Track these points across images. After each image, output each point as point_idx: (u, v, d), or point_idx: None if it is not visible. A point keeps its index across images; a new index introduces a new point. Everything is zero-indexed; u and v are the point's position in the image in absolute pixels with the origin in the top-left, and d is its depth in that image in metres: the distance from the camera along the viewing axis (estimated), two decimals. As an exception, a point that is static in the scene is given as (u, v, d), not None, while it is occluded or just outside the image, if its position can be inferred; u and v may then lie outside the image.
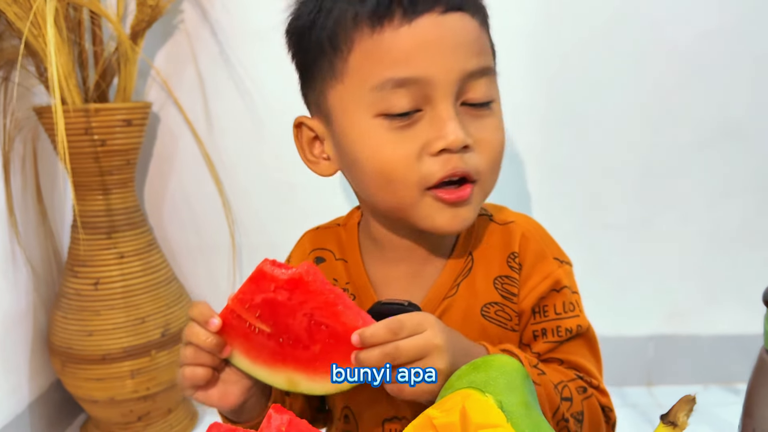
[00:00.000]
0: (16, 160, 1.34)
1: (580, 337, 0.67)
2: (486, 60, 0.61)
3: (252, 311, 0.58)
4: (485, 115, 0.61)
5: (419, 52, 0.58)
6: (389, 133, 0.59)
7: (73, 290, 1.31)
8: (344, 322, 0.56)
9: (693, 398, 0.44)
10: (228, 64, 1.45)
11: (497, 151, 0.62)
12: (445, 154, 0.58)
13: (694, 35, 1.38)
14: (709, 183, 1.46)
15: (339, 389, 0.56)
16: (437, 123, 0.58)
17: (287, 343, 0.57)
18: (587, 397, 0.64)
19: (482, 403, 0.50)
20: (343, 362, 0.55)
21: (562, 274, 0.67)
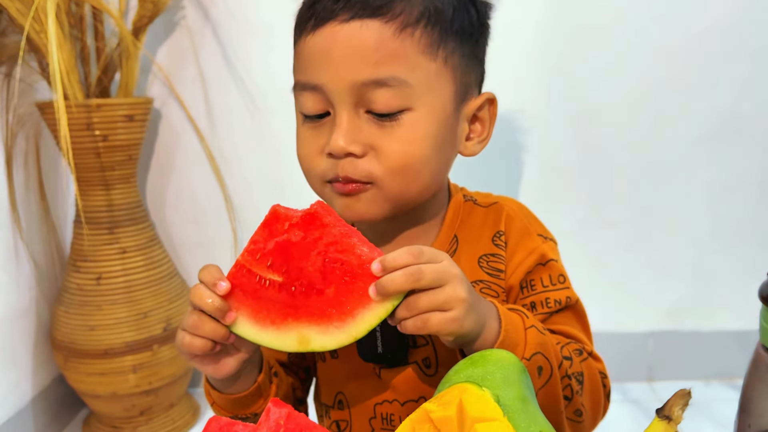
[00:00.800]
0: (19, 156, 1.34)
1: (569, 309, 0.69)
2: (386, 70, 0.60)
3: (263, 261, 0.56)
4: (391, 125, 0.61)
5: (312, 61, 0.62)
6: (306, 131, 0.66)
7: (76, 285, 1.32)
8: (359, 255, 0.55)
9: (688, 392, 0.44)
10: (229, 60, 1.45)
11: (395, 161, 0.61)
12: (334, 158, 0.62)
13: (695, 31, 1.38)
14: (709, 179, 1.46)
15: (351, 340, 0.54)
16: (333, 128, 0.62)
17: (299, 292, 0.55)
18: (584, 359, 0.65)
19: (479, 397, 0.50)
20: (359, 300, 0.54)
21: (546, 249, 0.69)
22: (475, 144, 0.69)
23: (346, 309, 0.54)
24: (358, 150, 0.61)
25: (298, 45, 0.65)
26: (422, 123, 0.62)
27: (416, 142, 0.61)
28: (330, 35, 0.60)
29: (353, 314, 0.54)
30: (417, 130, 0.61)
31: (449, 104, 0.64)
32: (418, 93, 0.61)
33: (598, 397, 0.66)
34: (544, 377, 0.58)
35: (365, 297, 0.54)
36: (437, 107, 0.63)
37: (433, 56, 0.62)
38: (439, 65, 0.62)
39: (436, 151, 0.63)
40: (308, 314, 0.55)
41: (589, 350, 0.66)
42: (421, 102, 0.61)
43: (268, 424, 0.52)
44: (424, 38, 0.61)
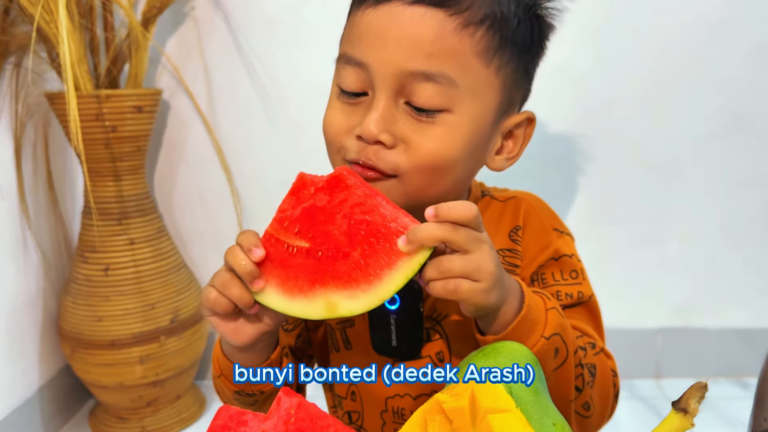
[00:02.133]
0: (28, 146, 1.34)
1: (582, 305, 0.68)
2: (438, 65, 0.58)
3: (291, 228, 0.57)
4: (428, 122, 0.59)
5: (366, 37, 0.60)
6: (338, 103, 0.63)
7: (83, 276, 1.32)
8: (384, 215, 0.55)
9: (705, 385, 0.44)
10: (238, 52, 1.45)
11: (424, 159, 0.59)
12: (362, 142, 0.60)
13: (705, 26, 1.37)
14: (719, 176, 1.45)
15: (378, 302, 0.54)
16: (367, 111, 0.60)
17: (326, 257, 0.55)
18: (597, 352, 0.64)
19: (491, 388, 0.50)
20: (385, 261, 0.53)
21: (561, 244, 0.68)
22: (503, 160, 0.67)
23: (372, 271, 0.54)
24: (388, 140, 0.59)
25: (354, 15, 0.62)
26: (459, 127, 0.60)
27: (449, 145, 0.60)
28: (390, 15, 0.58)
29: (379, 276, 0.53)
30: (452, 133, 0.59)
31: (490, 115, 0.62)
32: (462, 96, 0.59)
33: (607, 395, 0.65)
34: (560, 359, 0.58)
35: (391, 257, 0.53)
36: (477, 115, 0.61)
37: (487, 62, 0.60)
38: (490, 73, 0.60)
39: (466, 158, 0.62)
40: (335, 279, 0.55)
41: (601, 346, 0.66)
42: (463, 106, 0.59)
43: (279, 413, 0.52)
44: (483, 41, 0.59)
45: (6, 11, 1.23)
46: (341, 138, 0.62)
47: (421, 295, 0.62)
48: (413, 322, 0.63)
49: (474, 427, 0.48)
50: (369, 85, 0.60)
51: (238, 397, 0.66)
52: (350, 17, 0.64)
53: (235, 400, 0.66)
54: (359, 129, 0.59)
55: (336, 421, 0.53)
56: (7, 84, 1.28)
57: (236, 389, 0.65)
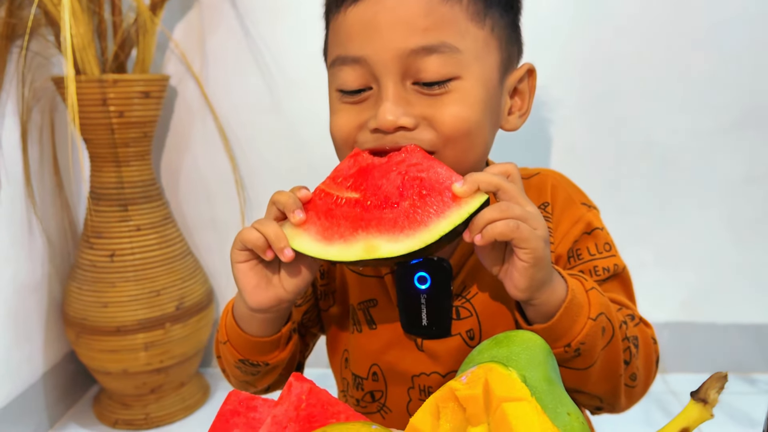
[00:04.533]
0: (34, 130, 1.34)
1: (616, 277, 0.67)
2: (436, 36, 0.58)
3: (343, 183, 0.57)
4: (441, 93, 0.59)
5: (356, 32, 0.59)
6: (342, 106, 0.62)
7: (89, 262, 1.31)
8: (438, 173, 0.55)
9: (725, 376, 0.43)
10: (246, 38, 1.44)
11: (453, 126, 0.58)
12: (379, 133, 0.59)
13: (719, 20, 1.35)
14: (727, 170, 1.44)
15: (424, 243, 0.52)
16: (378, 102, 0.59)
17: (374, 205, 0.55)
18: (637, 323, 0.64)
19: (505, 376, 0.49)
20: (433, 210, 0.53)
21: (591, 217, 0.68)
22: (516, 118, 0.67)
23: (419, 218, 0.53)
24: (410, 122, 0.58)
25: (334, 20, 0.62)
26: (472, 91, 0.59)
27: (469, 108, 0.59)
28: (374, 3, 0.58)
29: (426, 222, 0.53)
30: (467, 97, 0.59)
31: (495, 74, 0.62)
32: (468, 61, 0.59)
33: (650, 363, 0.65)
34: (607, 337, 0.57)
35: (439, 208, 0.53)
36: (486, 76, 0.60)
37: (481, 24, 0.60)
38: (486, 33, 0.60)
39: (485, 119, 0.61)
40: (379, 224, 0.54)
41: (639, 316, 0.65)
42: (470, 70, 0.59)
43: (290, 399, 0.52)
44: (471, 5, 0.59)
45: (13, -6, 1.23)
46: (352, 135, 0.61)
47: (451, 273, 0.62)
48: (444, 301, 0.63)
49: (488, 415, 0.48)
50: (371, 79, 0.60)
51: (240, 366, 0.65)
52: (330, 23, 0.64)
53: (236, 368, 0.66)
54: (374, 122, 0.58)
55: (347, 407, 0.53)
56: (14, 67, 1.27)
57: (241, 357, 0.64)
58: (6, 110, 1.25)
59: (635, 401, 0.66)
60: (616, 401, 0.63)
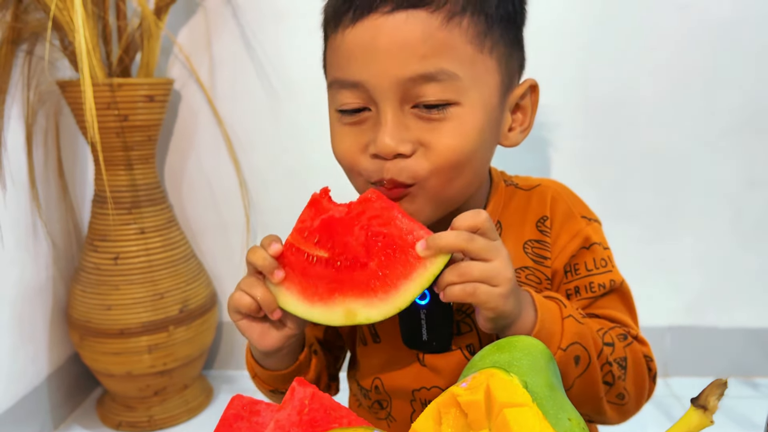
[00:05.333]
0: (39, 134, 1.34)
1: (614, 292, 0.67)
2: (435, 63, 0.57)
3: (310, 238, 0.58)
4: (439, 119, 0.58)
5: (354, 56, 0.59)
6: (343, 127, 0.63)
7: (93, 264, 1.32)
8: (400, 227, 0.56)
9: (724, 382, 0.43)
10: (249, 44, 1.44)
11: (443, 157, 0.58)
12: (379, 159, 0.59)
13: (723, 22, 1.35)
14: (731, 174, 1.44)
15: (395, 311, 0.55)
16: (377, 126, 0.59)
17: (345, 266, 0.57)
18: (628, 343, 0.64)
19: (507, 382, 0.49)
20: (401, 272, 0.55)
21: (590, 231, 0.68)
22: (517, 134, 0.67)
23: (389, 281, 0.55)
24: (407, 149, 0.58)
25: (333, 39, 0.62)
26: (470, 117, 0.59)
27: (465, 137, 0.59)
28: (372, 28, 0.57)
29: (396, 285, 0.55)
30: (465, 125, 0.59)
31: (495, 96, 0.62)
32: (467, 86, 0.58)
33: (642, 381, 0.65)
34: (582, 366, 0.58)
35: (407, 268, 0.54)
36: (484, 100, 0.60)
37: (480, 47, 0.59)
38: (485, 56, 0.60)
39: (481, 146, 0.61)
40: (353, 288, 0.56)
41: (635, 334, 0.65)
42: (469, 96, 0.59)
43: (293, 403, 0.52)
44: (471, 28, 0.58)
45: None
46: (357, 160, 0.62)
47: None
48: (444, 317, 0.64)
49: (489, 421, 0.48)
50: (370, 102, 0.60)
51: (273, 395, 0.68)
52: (328, 43, 0.64)
53: (272, 395, 0.69)
54: (374, 148, 0.59)
55: (349, 412, 0.53)
56: (20, 71, 1.28)
57: (271, 388, 0.67)
58: (11, 113, 1.26)
59: (628, 416, 0.67)
60: (603, 417, 0.64)
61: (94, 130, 1.11)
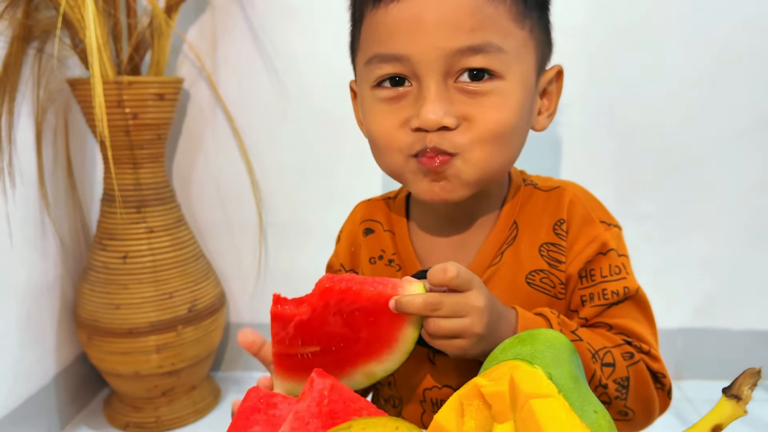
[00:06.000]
0: (48, 132, 1.34)
1: (629, 300, 0.66)
2: (482, 36, 0.57)
3: (294, 343, 0.59)
4: (482, 92, 0.59)
5: (399, 30, 0.58)
6: (380, 104, 0.62)
7: (101, 263, 1.31)
8: (368, 297, 0.56)
9: (758, 371, 0.42)
10: (258, 42, 1.44)
11: (490, 130, 0.59)
12: (421, 132, 0.59)
13: (739, 22, 1.35)
14: (745, 175, 1.43)
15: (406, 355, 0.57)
16: (419, 101, 0.59)
17: (340, 348, 0.58)
18: (634, 362, 0.62)
19: (531, 374, 0.48)
20: (392, 330, 0.56)
21: (608, 237, 0.67)
22: (544, 118, 0.67)
23: (386, 340, 0.57)
24: (452, 122, 0.58)
25: (373, 16, 0.61)
26: (512, 92, 0.59)
27: (508, 111, 0.59)
28: (420, 2, 0.57)
29: (395, 338, 0.57)
30: (507, 99, 0.59)
31: (532, 75, 0.62)
32: (510, 61, 0.59)
33: (648, 398, 0.64)
34: None
35: (394, 323, 0.56)
36: (525, 77, 0.61)
37: (521, 24, 0.60)
38: (525, 34, 0.61)
39: (522, 122, 0.62)
40: (359, 358, 0.58)
41: (646, 350, 0.64)
42: (512, 71, 0.59)
43: (312, 395, 0.51)
44: (514, 6, 0.59)
45: (30, -5, 1.23)
46: (395, 136, 0.61)
47: None
48: None
49: (514, 413, 0.47)
50: (412, 76, 0.60)
51: None
52: (365, 19, 0.63)
53: None
54: (417, 121, 0.58)
55: (369, 404, 0.52)
56: (30, 69, 1.28)
57: None
58: (21, 111, 1.26)
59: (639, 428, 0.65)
60: None
61: (104, 127, 1.11)
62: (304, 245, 1.52)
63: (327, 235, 0.96)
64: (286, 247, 1.54)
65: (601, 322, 0.66)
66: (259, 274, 1.56)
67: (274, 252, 1.54)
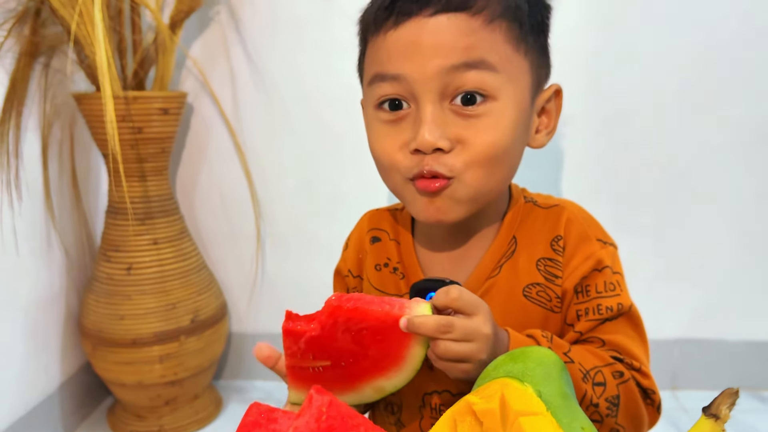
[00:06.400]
0: (54, 145, 1.36)
1: (623, 316, 0.68)
2: (477, 53, 0.60)
3: (306, 357, 0.62)
4: (476, 115, 0.61)
5: (398, 52, 0.62)
6: (382, 126, 0.65)
7: (106, 274, 1.33)
8: (375, 316, 0.59)
9: (736, 391, 0.44)
10: (259, 57, 1.46)
11: (482, 152, 0.62)
12: (419, 154, 0.62)
13: (732, 35, 1.37)
14: (740, 187, 1.44)
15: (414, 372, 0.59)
16: (417, 123, 0.62)
17: (349, 363, 0.60)
18: (623, 381, 0.64)
19: (521, 391, 0.50)
20: (400, 348, 0.58)
21: (604, 255, 0.69)
22: (543, 136, 0.70)
23: (393, 358, 0.59)
24: (446, 145, 0.61)
25: (374, 42, 0.65)
26: (505, 114, 0.62)
27: (501, 133, 0.62)
28: (415, 28, 0.61)
29: (402, 356, 0.59)
30: (501, 120, 0.62)
31: (527, 97, 0.65)
32: (503, 83, 0.62)
33: (637, 415, 0.66)
34: None
35: (402, 342, 0.58)
36: (518, 98, 0.63)
37: (516, 48, 0.63)
38: (520, 57, 0.63)
39: (516, 142, 0.64)
40: (368, 373, 0.60)
41: (637, 366, 0.66)
42: (505, 92, 0.62)
43: (311, 411, 0.53)
44: (510, 30, 0.62)
45: (37, 12, 1.26)
46: (396, 158, 0.64)
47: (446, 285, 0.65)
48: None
49: (504, 429, 0.49)
50: (410, 97, 0.62)
51: None
52: (369, 44, 0.66)
53: None
54: (414, 143, 0.61)
55: (366, 420, 0.54)
56: (36, 84, 1.30)
57: None
58: (28, 125, 1.28)
59: None
60: None
61: (116, 143, 1.14)
62: (305, 256, 1.54)
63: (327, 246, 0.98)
64: (287, 257, 1.56)
65: (594, 336, 0.68)
66: (258, 284, 1.58)
67: (275, 262, 1.56)
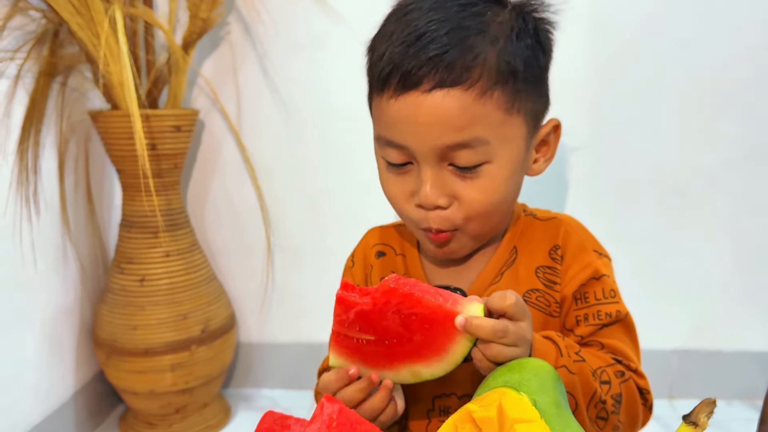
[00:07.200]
0: (70, 161, 1.41)
1: (619, 322, 0.73)
2: (470, 132, 0.64)
3: (352, 328, 0.65)
4: (472, 177, 0.67)
5: (399, 125, 0.67)
6: (389, 175, 0.72)
7: (120, 286, 1.38)
8: (428, 305, 0.62)
9: (713, 401, 0.48)
10: (268, 75, 1.51)
11: (475, 210, 0.68)
12: (423, 209, 0.69)
13: (726, 56, 1.41)
14: (735, 201, 1.48)
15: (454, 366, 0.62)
16: (419, 180, 0.68)
17: (393, 343, 0.64)
18: (625, 380, 0.70)
19: (517, 400, 0.54)
20: (444, 340, 0.61)
21: (600, 265, 0.74)
22: (541, 164, 0.76)
23: (437, 348, 0.62)
24: (444, 202, 0.68)
25: (378, 100, 0.69)
26: (500, 172, 0.68)
27: (495, 191, 0.68)
28: (414, 104, 0.65)
29: (446, 349, 0.62)
30: (495, 179, 0.68)
31: (522, 147, 0.70)
32: (497, 147, 0.66)
33: (635, 413, 0.71)
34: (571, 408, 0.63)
35: (448, 335, 0.61)
36: (512, 155, 0.68)
37: (509, 111, 0.66)
38: (513, 116, 0.67)
39: (511, 191, 0.71)
40: (409, 357, 0.63)
41: (634, 368, 0.71)
42: (499, 154, 0.67)
43: (322, 418, 0.57)
44: (502, 97, 0.65)
45: (56, 34, 1.30)
46: (406, 207, 0.71)
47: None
48: None
49: (502, 435, 0.53)
50: (413, 158, 0.68)
51: None
52: (374, 100, 0.70)
53: None
54: (418, 199, 0.68)
55: (374, 427, 0.58)
56: (54, 102, 1.35)
57: None
58: (46, 142, 1.33)
59: None
60: None
61: (145, 159, 1.20)
62: (313, 268, 1.58)
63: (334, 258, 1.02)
64: (295, 269, 1.60)
65: (594, 340, 0.73)
66: (267, 295, 1.62)
67: (284, 274, 1.60)
